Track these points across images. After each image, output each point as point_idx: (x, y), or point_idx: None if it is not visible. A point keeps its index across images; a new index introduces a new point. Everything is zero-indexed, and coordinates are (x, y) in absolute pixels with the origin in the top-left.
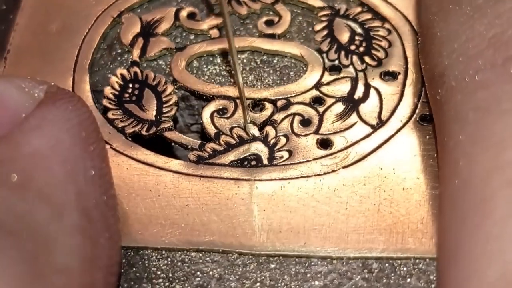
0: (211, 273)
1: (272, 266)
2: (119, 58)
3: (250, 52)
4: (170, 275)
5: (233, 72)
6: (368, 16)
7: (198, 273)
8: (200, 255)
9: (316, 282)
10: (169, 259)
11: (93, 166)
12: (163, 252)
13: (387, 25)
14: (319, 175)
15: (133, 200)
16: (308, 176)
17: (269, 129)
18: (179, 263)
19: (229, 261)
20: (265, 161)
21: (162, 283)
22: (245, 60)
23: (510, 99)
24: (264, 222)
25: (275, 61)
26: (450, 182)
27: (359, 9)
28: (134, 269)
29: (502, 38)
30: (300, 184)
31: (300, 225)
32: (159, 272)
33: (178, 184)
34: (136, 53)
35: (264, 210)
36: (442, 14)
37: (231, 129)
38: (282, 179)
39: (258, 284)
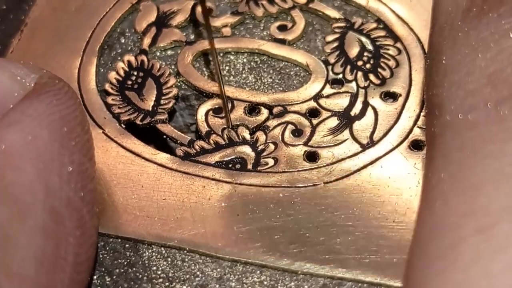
0: (211, 273)
1: None
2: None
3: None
4: (170, 275)
5: (232, 73)
6: (382, 33)
7: (198, 273)
8: (200, 254)
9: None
10: (169, 259)
11: (72, 162)
12: (163, 251)
13: (398, 45)
14: (299, 187)
15: (113, 188)
16: (288, 187)
17: (260, 135)
18: (179, 263)
19: (229, 261)
20: (250, 166)
21: (162, 283)
22: (245, 60)
23: (494, 141)
24: (235, 226)
25: (276, 62)
26: (425, 221)
27: (374, 25)
28: (134, 269)
29: (500, 76)
30: (278, 193)
31: (267, 234)
32: (159, 272)
33: (160, 177)
34: (146, 41)
35: (238, 215)
36: (451, 40)
37: (223, 129)
38: (262, 185)
39: (257, 284)
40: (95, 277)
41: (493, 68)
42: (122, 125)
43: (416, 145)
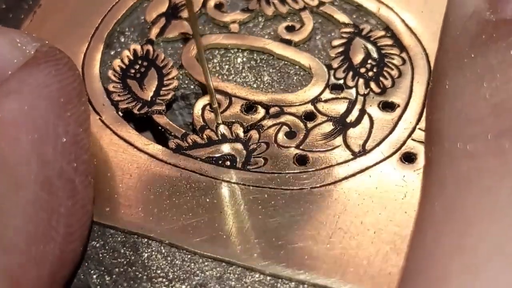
0: (210, 272)
1: None
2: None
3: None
4: (170, 274)
5: (239, 68)
6: (389, 42)
7: (198, 272)
8: (200, 254)
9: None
10: (169, 258)
11: (67, 132)
12: (163, 251)
13: (404, 55)
14: (285, 189)
15: (102, 175)
16: (274, 188)
17: (253, 133)
18: (178, 262)
19: (223, 261)
20: (239, 164)
21: (161, 282)
22: (244, 59)
23: (491, 176)
24: (216, 223)
25: (276, 62)
26: (416, 250)
27: (382, 33)
28: (133, 268)
29: (504, 107)
30: (263, 194)
31: (246, 234)
32: (158, 271)
33: (150, 168)
34: (154, 31)
35: (220, 212)
36: (457, 65)
37: (217, 125)
38: (248, 184)
39: (257, 283)
40: (94, 276)
41: (497, 98)
42: (120, 113)
43: (408, 158)
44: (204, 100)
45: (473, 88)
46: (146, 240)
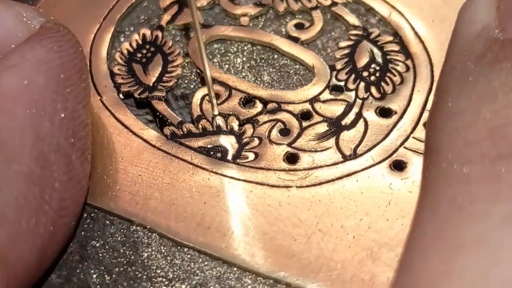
0: (210, 271)
1: None
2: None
3: (253, 46)
4: (170, 274)
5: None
6: (396, 48)
7: (198, 271)
8: (200, 253)
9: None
10: (169, 258)
11: (65, 109)
12: (163, 250)
13: (409, 62)
14: (272, 186)
15: (94, 156)
16: (261, 184)
17: (248, 127)
18: (178, 262)
19: (230, 264)
20: (230, 157)
21: (161, 282)
22: (244, 59)
23: (484, 201)
24: (200, 213)
25: (276, 61)
26: (404, 270)
27: (390, 38)
28: (133, 267)
29: (503, 131)
30: (249, 189)
31: (224, 227)
32: (158, 271)
33: (142, 153)
34: (165, 18)
35: (204, 203)
36: (460, 84)
37: (214, 116)
38: (235, 178)
39: (257, 283)
40: (94, 276)
41: (496, 122)
42: (121, 95)
43: (397, 166)
44: (204, 90)
45: (473, 109)
46: (146, 239)
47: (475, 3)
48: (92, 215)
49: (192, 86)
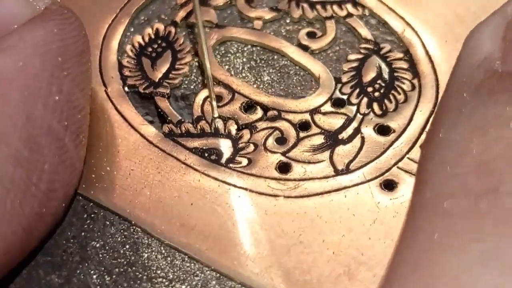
0: (210, 272)
1: None
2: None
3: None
4: (170, 274)
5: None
6: (404, 65)
7: (198, 272)
8: (200, 253)
9: None
10: (169, 259)
11: (60, 92)
12: (163, 251)
13: (415, 81)
14: (260, 193)
15: (90, 145)
16: (250, 191)
17: (245, 133)
18: (178, 263)
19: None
20: (223, 160)
21: (161, 282)
22: (244, 59)
23: (463, 237)
24: (185, 214)
25: (276, 61)
26: None
27: (400, 55)
28: (133, 268)
29: (489, 167)
30: (238, 194)
31: (204, 231)
32: (158, 272)
33: (137, 148)
34: (180, 14)
35: (191, 204)
36: (455, 114)
37: (213, 119)
38: (225, 182)
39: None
40: (94, 276)
41: (484, 156)
42: (126, 88)
43: (388, 185)
44: (206, 91)
45: (463, 142)
46: (146, 240)
47: (481, 31)
48: (92, 215)
49: (196, 86)
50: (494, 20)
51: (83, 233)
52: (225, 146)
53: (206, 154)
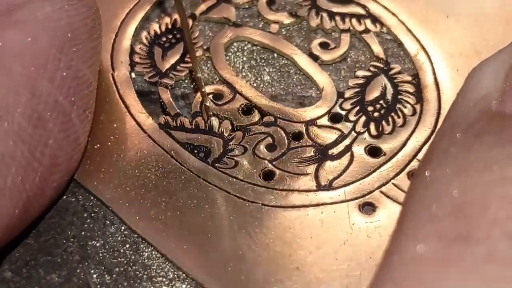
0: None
1: None
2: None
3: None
4: (170, 274)
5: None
6: (410, 89)
7: None
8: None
9: None
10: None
11: (68, 67)
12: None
13: (417, 106)
14: (238, 197)
15: (92, 130)
16: (227, 192)
17: (238, 134)
18: None
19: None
20: (210, 159)
21: (161, 282)
22: (244, 58)
23: (431, 284)
24: (160, 206)
25: (276, 60)
26: None
27: (409, 78)
28: (134, 267)
29: (466, 211)
30: (215, 194)
31: (176, 223)
32: (158, 271)
33: (130, 134)
34: (200, 8)
35: (170, 198)
36: (442, 153)
37: (210, 116)
38: (207, 181)
39: None
40: (94, 276)
41: (462, 200)
42: (133, 74)
43: (366, 208)
44: (210, 88)
45: (445, 183)
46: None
47: (484, 68)
48: (92, 215)
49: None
50: (498, 59)
51: (83, 233)
52: (216, 145)
53: (195, 151)
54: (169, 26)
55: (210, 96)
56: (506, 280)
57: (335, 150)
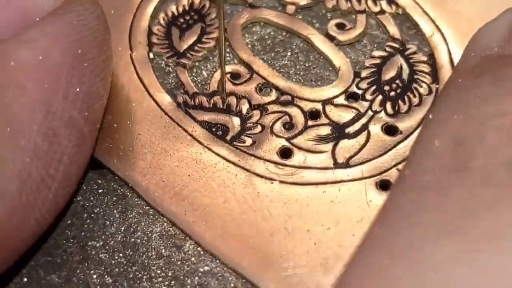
0: (210, 271)
1: None
2: None
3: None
4: (170, 274)
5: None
6: (426, 69)
7: (198, 272)
8: (201, 253)
9: None
10: (169, 258)
11: (82, 83)
12: (163, 251)
13: (433, 86)
14: (257, 175)
15: (109, 109)
16: (247, 170)
17: (255, 113)
18: (178, 262)
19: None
20: (229, 137)
21: (161, 282)
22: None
23: (429, 211)
24: (179, 184)
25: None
26: (347, 273)
27: (424, 58)
28: (134, 268)
29: (465, 144)
30: (235, 173)
31: (200, 203)
32: (158, 271)
33: (148, 113)
34: None
35: (188, 175)
36: (444, 98)
37: (226, 95)
38: (225, 159)
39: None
40: (94, 276)
41: (460, 133)
42: (151, 54)
43: (384, 186)
44: (228, 68)
45: (445, 120)
46: (146, 240)
47: (489, 24)
48: (92, 215)
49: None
50: (502, 16)
51: (83, 233)
52: (233, 124)
53: (213, 129)
54: (186, 8)
55: (228, 75)
56: (503, 201)
57: (351, 129)
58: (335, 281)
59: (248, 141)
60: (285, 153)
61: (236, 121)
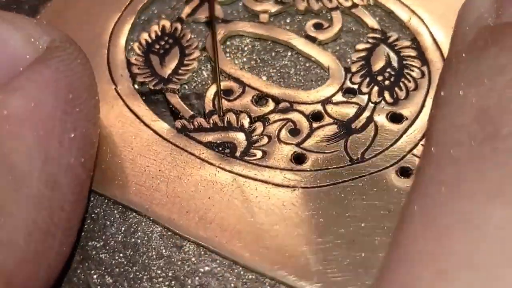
0: (211, 272)
1: None
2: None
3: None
4: (170, 274)
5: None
6: (413, 53)
7: (198, 272)
8: (201, 253)
9: None
10: (169, 259)
11: (75, 128)
12: (164, 251)
13: (424, 68)
14: (277, 185)
15: (105, 144)
16: (266, 182)
17: (258, 125)
18: (179, 262)
19: (229, 260)
20: (238, 154)
21: (162, 282)
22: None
23: (470, 180)
24: (202, 208)
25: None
26: (393, 250)
27: (408, 43)
28: (134, 268)
29: (488, 114)
30: (254, 187)
31: (229, 223)
32: (159, 271)
33: (151, 144)
34: (186, 10)
35: (208, 198)
36: (454, 73)
37: (225, 112)
38: (241, 175)
39: (258, 282)
40: (95, 276)
41: (482, 104)
42: (136, 85)
43: (404, 172)
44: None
45: (462, 95)
46: (146, 240)
47: None
48: (93, 215)
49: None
50: None
51: (83, 233)
52: (239, 140)
53: (220, 148)
54: (159, 33)
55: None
56: None
57: (358, 123)
58: (378, 273)
59: (258, 153)
60: (299, 158)
61: (241, 136)
